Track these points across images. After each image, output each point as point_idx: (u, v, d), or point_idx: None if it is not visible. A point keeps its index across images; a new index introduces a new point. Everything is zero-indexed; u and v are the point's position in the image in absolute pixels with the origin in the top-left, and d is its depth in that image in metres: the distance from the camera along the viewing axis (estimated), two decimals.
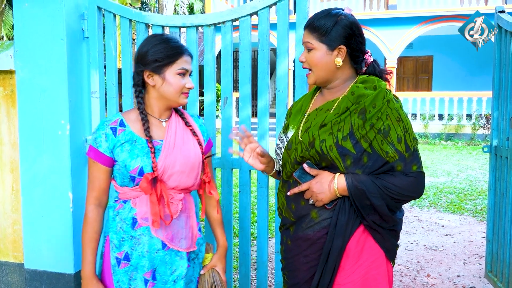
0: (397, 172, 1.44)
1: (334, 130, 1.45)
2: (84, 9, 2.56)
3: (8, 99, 2.69)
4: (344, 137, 1.42)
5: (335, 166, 1.46)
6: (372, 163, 1.43)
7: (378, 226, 1.48)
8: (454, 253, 4.15)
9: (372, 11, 13.93)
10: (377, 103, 1.43)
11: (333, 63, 1.51)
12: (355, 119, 1.43)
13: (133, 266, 1.61)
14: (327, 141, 1.44)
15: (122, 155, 1.59)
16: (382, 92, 1.46)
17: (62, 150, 2.50)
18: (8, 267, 2.77)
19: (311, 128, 1.51)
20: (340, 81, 1.55)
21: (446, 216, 5.47)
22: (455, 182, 7.47)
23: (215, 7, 15.03)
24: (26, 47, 2.52)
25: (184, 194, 1.69)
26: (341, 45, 1.50)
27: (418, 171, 1.46)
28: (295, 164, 1.53)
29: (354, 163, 1.44)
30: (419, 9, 13.58)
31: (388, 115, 1.43)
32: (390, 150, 1.42)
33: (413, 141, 1.46)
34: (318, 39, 1.51)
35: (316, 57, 1.52)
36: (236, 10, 2.34)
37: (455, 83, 15.73)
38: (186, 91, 1.63)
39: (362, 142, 1.42)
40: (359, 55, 1.55)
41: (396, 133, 1.42)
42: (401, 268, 3.75)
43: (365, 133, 1.42)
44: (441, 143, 12.70)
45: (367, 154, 1.43)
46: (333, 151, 1.43)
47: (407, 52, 15.36)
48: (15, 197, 2.73)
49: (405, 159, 1.43)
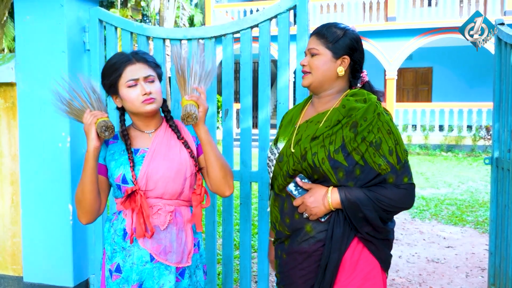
0: (389, 184, 1.46)
1: (326, 143, 1.46)
2: (85, 22, 2.57)
3: (9, 112, 2.69)
4: (336, 150, 1.43)
5: (328, 179, 1.46)
6: (365, 175, 1.44)
7: (372, 237, 1.49)
8: (456, 265, 4.12)
9: (371, 23, 14.01)
10: (368, 116, 1.45)
11: (335, 71, 1.53)
12: (346, 132, 1.44)
13: (124, 279, 1.60)
14: (319, 154, 1.45)
15: (110, 164, 1.63)
16: (372, 105, 1.47)
17: (62, 162, 2.49)
18: (7, 280, 2.74)
19: (302, 141, 1.51)
20: (334, 91, 1.57)
21: (447, 228, 5.44)
22: (456, 193, 7.44)
23: (216, 19, 15.12)
24: (27, 59, 2.53)
25: (177, 207, 1.65)
26: (345, 55, 1.53)
27: (409, 182, 1.48)
28: (287, 177, 1.53)
29: (346, 176, 1.44)
30: (419, 21, 13.66)
31: (379, 128, 1.44)
32: (382, 162, 1.43)
33: (403, 153, 1.47)
34: (325, 45, 1.53)
35: (320, 61, 1.53)
36: (237, 22, 2.35)
37: (454, 95, 15.76)
38: (143, 98, 1.57)
39: (354, 154, 1.43)
40: (359, 70, 1.58)
41: (387, 145, 1.44)
42: (403, 281, 3.72)
43: (357, 145, 1.43)
44: (441, 154, 12.68)
45: (360, 167, 1.44)
46: (325, 164, 1.44)
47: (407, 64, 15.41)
48: (14, 209, 2.72)
49: (396, 171, 1.45)
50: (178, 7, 21.24)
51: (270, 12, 2.28)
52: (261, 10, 2.30)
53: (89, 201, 1.57)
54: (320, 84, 1.56)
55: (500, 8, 13.14)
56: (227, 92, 2.39)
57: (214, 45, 2.41)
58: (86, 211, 1.59)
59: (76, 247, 2.56)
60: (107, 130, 1.55)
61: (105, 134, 1.55)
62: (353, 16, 14.25)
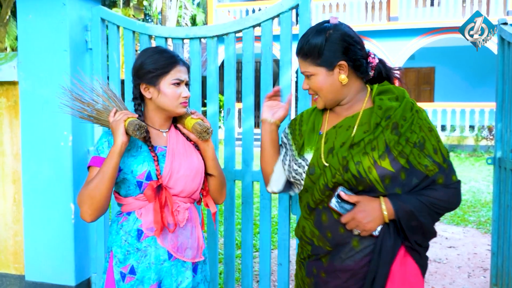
0: (438, 185, 1.36)
1: (368, 150, 1.34)
2: (87, 21, 2.57)
3: (11, 110, 2.69)
4: (381, 156, 1.33)
5: (374, 189, 1.35)
6: (411, 179, 1.35)
7: (419, 245, 1.40)
8: (458, 265, 4.11)
9: (373, 23, 14.00)
10: (407, 115, 1.36)
11: (338, 82, 1.41)
12: (388, 135, 1.34)
13: (138, 280, 1.59)
14: (364, 163, 1.33)
15: (128, 161, 1.59)
16: (408, 102, 1.39)
17: (64, 161, 2.49)
18: (9, 279, 2.75)
19: (337, 149, 1.39)
20: (351, 96, 1.46)
21: (449, 228, 5.43)
22: None
23: (218, 18, 15.12)
24: (29, 58, 2.53)
25: (190, 204, 1.69)
26: (340, 61, 1.39)
27: (457, 180, 1.40)
28: (326, 190, 1.39)
29: (392, 182, 1.34)
30: (421, 21, 13.65)
31: (421, 126, 1.36)
32: (429, 162, 1.34)
33: (446, 150, 1.39)
34: (314, 64, 1.41)
35: (318, 82, 1.42)
36: (239, 22, 2.35)
37: (457, 95, 15.74)
38: (183, 100, 1.63)
39: (399, 158, 1.33)
40: (362, 63, 1.44)
41: (431, 144, 1.36)
42: None
43: (401, 148, 1.33)
44: None
45: (405, 170, 1.34)
46: (373, 173, 1.32)
47: (409, 64, 15.39)
48: (16, 208, 2.72)
49: (444, 170, 1.36)
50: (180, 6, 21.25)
51: (272, 11, 2.27)
52: (263, 9, 2.30)
53: (104, 198, 1.52)
54: (333, 101, 1.46)
55: (503, 8, 13.11)
56: (229, 92, 2.39)
57: (216, 44, 2.41)
58: (96, 208, 1.53)
59: (78, 246, 2.57)
60: (139, 129, 1.54)
61: (136, 133, 1.53)
62: (355, 15, 14.24)
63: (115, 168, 1.52)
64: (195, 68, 2.40)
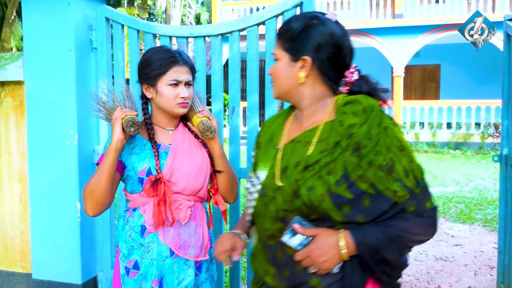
0: (409, 214, 1.17)
1: (323, 173, 1.14)
2: (92, 20, 2.58)
3: (17, 110, 2.71)
4: (338, 182, 1.13)
5: (329, 218, 1.15)
6: (376, 206, 1.15)
7: (389, 276, 1.23)
8: (465, 263, 4.09)
9: (378, 20, 13.95)
10: (372, 132, 1.15)
11: (296, 78, 1.23)
12: (348, 156, 1.14)
13: (142, 275, 1.62)
14: (317, 189, 1.13)
15: (131, 158, 1.63)
16: (376, 117, 1.17)
17: (70, 160, 2.51)
18: (16, 277, 2.76)
19: (291, 170, 1.19)
20: (311, 100, 1.25)
21: (455, 226, 5.41)
22: (464, 191, 7.39)
23: (222, 17, 15.11)
24: (34, 58, 2.54)
25: (195, 202, 1.69)
26: (306, 56, 1.21)
27: (432, 207, 1.20)
28: (277, 220, 1.20)
29: (353, 209, 1.14)
30: (426, 18, 13.57)
31: (389, 146, 1.15)
32: (398, 187, 1.14)
33: (420, 171, 1.19)
34: (282, 47, 1.24)
35: (279, 68, 1.25)
36: (243, 20, 2.35)
37: (462, 92, 15.65)
38: (181, 101, 1.63)
39: (360, 183, 1.13)
40: (333, 71, 1.23)
41: (402, 166, 1.15)
42: (411, 279, 3.70)
43: (363, 172, 1.13)
44: (449, 152, 12.60)
45: (369, 196, 1.14)
46: (326, 202, 1.13)
47: (414, 61, 15.31)
48: (23, 207, 2.74)
49: (416, 196, 1.16)
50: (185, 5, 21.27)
51: (276, 9, 2.27)
52: (268, 7, 2.29)
53: (102, 193, 1.56)
54: (286, 95, 1.27)
55: (509, 3, 13.01)
56: (234, 90, 2.39)
57: (220, 43, 2.41)
58: (96, 202, 1.57)
59: (84, 244, 2.58)
60: (133, 125, 1.57)
61: (130, 130, 1.57)
62: (359, 13, 14.20)
63: (112, 164, 1.55)
64: (200, 66, 2.40)
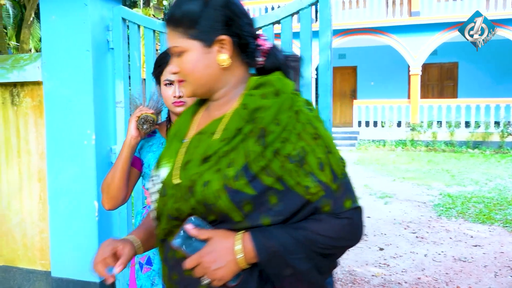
0: (324, 214, 0.97)
1: (222, 165, 0.97)
2: (109, 21, 2.60)
3: (36, 110, 2.75)
4: (237, 176, 0.95)
5: (229, 219, 0.96)
6: (285, 205, 0.95)
7: None
8: (485, 264, 4.02)
9: (395, 18, 13.81)
10: (281, 117, 0.97)
11: (216, 64, 1.03)
12: (250, 145, 0.96)
13: (155, 271, 1.65)
14: (213, 184, 0.95)
15: (148, 155, 1.68)
16: (287, 99, 1.00)
17: (87, 159, 2.53)
18: (36, 275, 2.81)
19: (191, 164, 1.01)
20: (229, 87, 1.07)
21: (474, 226, 5.32)
22: (483, 191, 7.27)
23: None
24: (53, 58, 2.57)
25: None
26: (221, 35, 1.01)
27: (354, 207, 1.00)
28: (171, 219, 1.03)
29: (256, 209, 0.95)
30: (443, 15, 13.40)
31: (300, 133, 0.97)
32: (311, 183, 0.95)
33: (340, 164, 1.00)
34: (186, 36, 1.01)
35: (191, 60, 1.02)
36: (259, 19, 2.34)
37: (481, 90, 15.40)
38: (174, 100, 1.64)
39: (263, 177, 0.95)
40: (249, 41, 1.05)
41: (316, 157, 0.96)
42: (429, 280, 3.65)
43: (267, 163, 0.95)
44: (468, 151, 12.41)
45: (276, 193, 0.95)
46: (223, 199, 0.94)
47: (432, 59, 15.12)
48: (42, 206, 2.78)
49: (333, 193, 0.97)
50: None
51: (292, 8, 2.26)
52: (283, 6, 2.28)
53: (116, 187, 1.60)
54: (204, 89, 1.06)
55: None
56: None
57: None
58: (111, 196, 1.62)
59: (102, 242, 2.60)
60: (145, 123, 1.60)
61: (142, 127, 1.60)
62: (375, 11, 14.08)
63: (125, 159, 1.60)
64: None
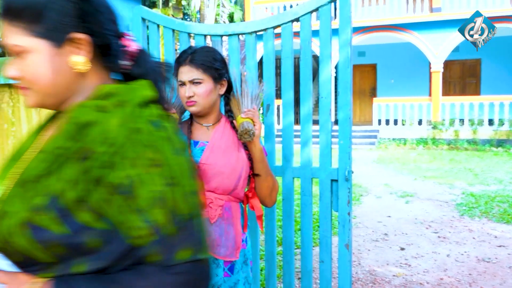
0: (151, 266, 0.76)
1: (29, 193, 0.78)
2: (129, 21, 2.62)
3: None
4: (43, 206, 0.75)
5: (36, 263, 0.77)
6: (108, 249, 0.76)
7: None
8: (509, 265, 3.93)
9: (415, 15, 13.60)
10: (113, 135, 0.76)
11: (68, 69, 0.82)
12: (67, 170, 0.77)
13: None
14: (12, 216, 0.76)
15: None
16: (128, 115, 0.79)
17: None
18: None
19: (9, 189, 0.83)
20: (84, 96, 0.86)
21: (499, 226, 5.20)
22: (508, 190, 7.10)
23: (255, 15, 15.13)
24: None
25: (230, 202, 1.68)
26: (76, 33, 0.81)
27: (193, 259, 0.77)
28: None
29: (69, 252, 0.76)
30: (465, 11, 13.13)
31: (135, 158, 0.76)
32: (139, 222, 0.75)
33: (189, 201, 0.79)
34: (28, 33, 0.79)
35: (37, 63, 0.80)
36: (278, 17, 2.33)
37: (505, 87, 15.06)
38: (186, 100, 1.65)
39: (78, 212, 0.76)
40: (112, 42, 0.86)
41: (149, 189, 0.75)
42: (452, 281, 3.59)
43: (86, 193, 0.76)
44: (491, 149, 12.15)
45: (97, 233, 0.76)
46: (19, 236, 0.75)
47: (453, 56, 14.85)
48: None
49: (166, 239, 0.75)
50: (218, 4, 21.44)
51: (311, 5, 2.24)
52: (302, 3, 2.27)
53: None
54: (57, 101, 0.85)
55: None
56: (269, 88, 2.38)
57: (254, 40, 2.40)
58: None
59: None
60: None
61: None
62: (395, 7, 13.89)
63: None
64: (234, 64, 2.40)
